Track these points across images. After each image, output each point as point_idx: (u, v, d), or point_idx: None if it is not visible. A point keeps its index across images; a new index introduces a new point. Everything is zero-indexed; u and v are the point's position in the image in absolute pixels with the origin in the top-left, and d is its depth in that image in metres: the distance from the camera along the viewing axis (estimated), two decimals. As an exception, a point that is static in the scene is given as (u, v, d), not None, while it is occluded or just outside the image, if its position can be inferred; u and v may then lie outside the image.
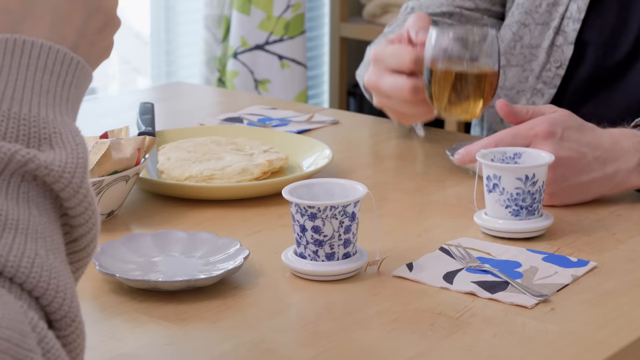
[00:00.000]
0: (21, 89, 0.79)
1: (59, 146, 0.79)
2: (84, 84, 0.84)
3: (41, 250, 0.75)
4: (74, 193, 0.78)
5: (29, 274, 0.73)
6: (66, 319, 0.75)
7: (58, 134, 0.79)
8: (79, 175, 0.78)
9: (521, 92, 1.69)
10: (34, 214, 0.76)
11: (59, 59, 0.82)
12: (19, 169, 0.76)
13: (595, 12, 1.64)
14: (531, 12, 1.68)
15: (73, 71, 0.83)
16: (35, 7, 0.83)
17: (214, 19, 3.18)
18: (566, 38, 1.64)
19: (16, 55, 0.80)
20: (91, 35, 0.86)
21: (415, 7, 1.75)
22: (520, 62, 1.69)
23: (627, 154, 1.38)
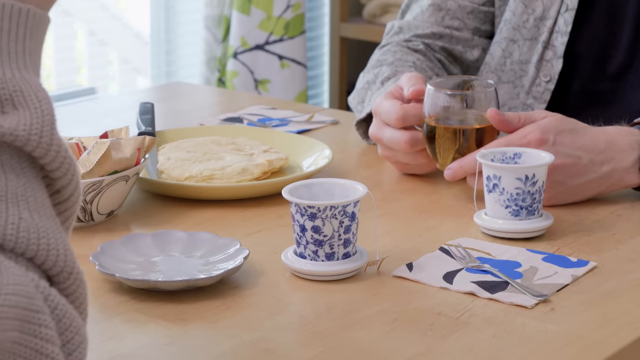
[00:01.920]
0: None
1: (22, 106, 0.77)
2: (40, 31, 0.81)
3: (24, 212, 0.75)
4: (45, 151, 0.77)
5: (17, 239, 0.73)
6: (63, 273, 0.75)
7: (19, 92, 0.77)
8: (46, 133, 0.77)
9: (513, 108, 1.69)
10: (11, 178, 0.76)
11: (6, 14, 0.79)
12: None
13: (583, 25, 1.64)
14: (519, 27, 1.67)
15: (24, 22, 0.79)
16: None
17: (214, 19, 3.18)
18: (555, 52, 1.64)
19: None
20: None
21: (403, 28, 1.74)
22: (510, 78, 1.69)
23: (623, 152, 1.38)
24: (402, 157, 1.48)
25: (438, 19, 1.72)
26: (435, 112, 1.40)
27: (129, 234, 1.25)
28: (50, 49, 3.06)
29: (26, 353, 0.70)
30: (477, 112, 1.40)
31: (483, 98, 1.40)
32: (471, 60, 1.73)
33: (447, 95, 1.40)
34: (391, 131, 1.45)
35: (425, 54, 1.70)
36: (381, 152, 1.51)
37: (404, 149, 1.45)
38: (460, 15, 1.71)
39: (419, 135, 1.44)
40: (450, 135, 1.40)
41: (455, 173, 1.38)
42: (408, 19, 1.75)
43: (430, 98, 1.40)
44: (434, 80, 1.43)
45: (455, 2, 1.71)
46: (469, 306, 1.10)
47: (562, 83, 1.66)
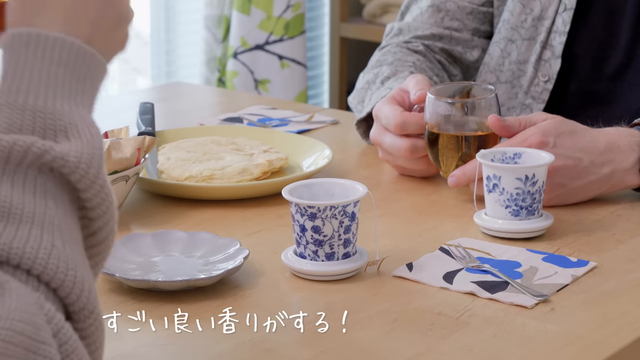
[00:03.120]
0: (36, 82, 0.80)
1: (75, 137, 0.79)
2: (99, 76, 0.84)
3: (58, 241, 0.75)
4: (90, 184, 0.78)
5: (46, 266, 0.74)
6: (84, 310, 0.75)
7: (74, 125, 0.79)
8: (95, 166, 0.79)
9: (511, 108, 1.69)
10: (51, 206, 0.77)
11: (73, 52, 0.82)
12: (36, 161, 0.76)
13: (581, 25, 1.64)
14: (517, 27, 1.67)
15: (88, 64, 0.83)
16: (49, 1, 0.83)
17: (214, 19, 3.18)
18: (553, 52, 1.64)
19: (31, 48, 0.81)
20: (106, 28, 0.86)
21: (403, 29, 1.74)
22: (509, 78, 1.69)
23: (623, 154, 1.38)
24: (402, 162, 1.48)
25: (437, 20, 1.72)
26: (437, 120, 1.40)
27: (129, 234, 1.25)
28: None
29: None
30: (479, 119, 1.40)
31: (484, 105, 1.40)
32: (471, 60, 1.73)
33: (448, 104, 1.40)
34: (392, 137, 1.45)
35: (425, 55, 1.70)
36: (381, 155, 1.51)
37: (404, 156, 1.45)
38: (459, 16, 1.71)
39: (420, 143, 1.44)
40: (453, 142, 1.40)
41: (458, 180, 1.38)
42: (407, 20, 1.75)
43: (430, 106, 1.40)
44: (434, 88, 1.43)
45: (455, 3, 1.71)
46: (469, 306, 1.10)
47: (561, 83, 1.66)
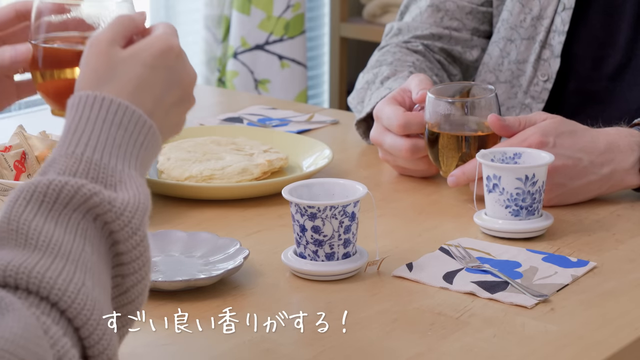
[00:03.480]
0: (96, 139, 0.84)
1: (123, 191, 0.83)
2: (153, 148, 0.88)
3: (88, 282, 0.77)
4: (131, 234, 0.81)
5: (74, 301, 0.76)
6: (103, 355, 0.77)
7: (124, 183, 0.83)
8: (138, 217, 0.82)
9: (511, 108, 1.69)
10: (87, 251, 0.79)
11: (134, 119, 0.86)
12: (83, 203, 0.80)
13: (580, 25, 1.64)
14: (516, 27, 1.67)
15: (145, 133, 0.87)
16: (120, 73, 0.88)
17: (214, 19, 3.18)
18: (552, 51, 1.64)
19: (95, 109, 0.85)
20: (167, 107, 0.91)
21: (402, 29, 1.74)
22: (508, 78, 1.69)
23: (623, 154, 1.38)
24: (402, 162, 1.48)
25: (437, 19, 1.71)
26: (437, 120, 1.40)
27: (129, 234, 1.24)
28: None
29: None
30: (479, 119, 1.40)
31: (484, 104, 1.40)
32: (470, 60, 1.73)
33: (448, 103, 1.40)
34: (392, 137, 1.45)
35: (425, 55, 1.70)
36: (382, 155, 1.51)
37: (405, 157, 1.45)
38: (459, 16, 1.71)
39: (420, 143, 1.44)
40: (454, 142, 1.40)
41: (458, 180, 1.38)
42: (407, 20, 1.75)
43: (431, 106, 1.40)
44: (434, 88, 1.43)
45: (454, 2, 1.71)
46: (469, 306, 1.10)
47: (560, 83, 1.66)
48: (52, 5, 1.00)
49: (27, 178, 1.36)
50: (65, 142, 0.84)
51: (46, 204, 0.79)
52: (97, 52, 0.89)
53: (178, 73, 0.92)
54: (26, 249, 0.76)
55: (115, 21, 0.93)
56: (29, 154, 1.35)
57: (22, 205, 0.79)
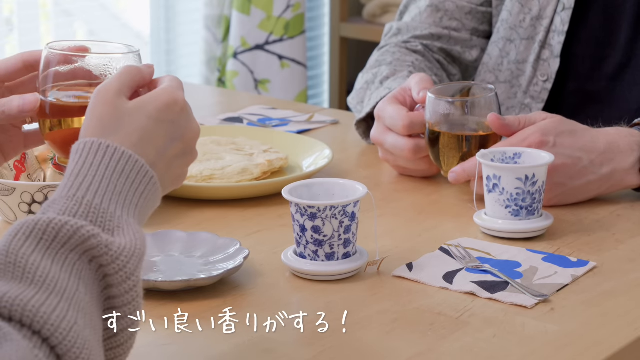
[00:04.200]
0: (97, 184, 0.86)
1: (120, 236, 0.84)
2: (153, 199, 0.91)
3: (80, 321, 0.78)
4: (124, 279, 0.83)
5: (65, 338, 0.76)
6: None
7: (121, 229, 0.85)
8: (133, 263, 0.83)
9: (510, 108, 1.69)
10: (81, 291, 0.80)
11: (136, 169, 0.88)
12: (81, 244, 0.81)
13: (580, 25, 1.64)
14: (516, 27, 1.67)
15: (146, 183, 0.89)
16: (125, 123, 0.90)
17: (214, 19, 3.18)
18: (552, 51, 1.64)
19: (99, 155, 0.87)
20: (169, 159, 0.93)
21: (401, 29, 1.73)
22: (508, 78, 1.69)
23: (623, 154, 1.38)
24: (403, 162, 1.48)
25: (436, 20, 1.71)
26: (437, 119, 1.40)
27: (129, 234, 1.24)
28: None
29: None
30: (479, 119, 1.40)
31: (483, 103, 1.40)
32: (470, 60, 1.73)
33: (448, 103, 1.40)
34: (394, 137, 1.45)
35: (424, 55, 1.70)
36: (382, 155, 1.51)
37: (407, 157, 1.45)
38: (458, 16, 1.71)
39: (422, 143, 1.44)
40: (455, 142, 1.40)
41: (458, 176, 1.38)
42: (406, 20, 1.75)
43: (431, 105, 1.40)
44: (435, 87, 1.43)
45: (454, 3, 1.71)
46: (469, 306, 1.10)
47: (560, 83, 1.66)
48: (60, 55, 1.01)
49: (27, 178, 1.36)
50: (67, 186, 0.86)
51: (45, 241, 0.80)
52: (103, 101, 0.91)
53: (182, 127, 0.94)
54: (22, 282, 0.78)
55: (123, 71, 0.94)
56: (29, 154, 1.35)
57: (21, 240, 0.80)
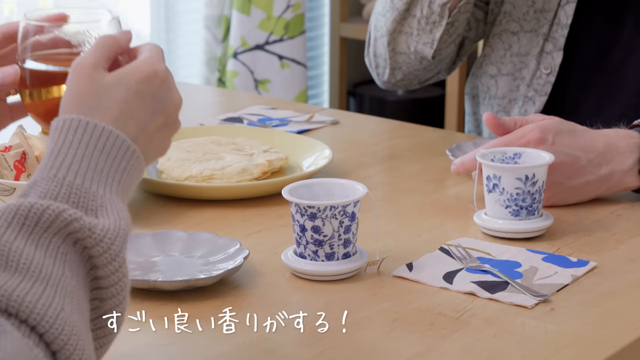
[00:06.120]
0: (78, 163, 0.84)
1: (104, 217, 0.83)
2: (136, 173, 0.89)
3: (67, 306, 0.78)
4: (110, 260, 0.81)
5: (52, 326, 0.76)
6: None
7: (104, 208, 0.84)
8: (117, 244, 0.82)
9: (513, 100, 1.69)
10: (67, 275, 0.79)
11: (117, 144, 0.87)
12: (64, 228, 0.80)
13: (584, 18, 1.64)
14: (519, 20, 1.67)
15: (128, 158, 0.87)
16: (105, 98, 0.89)
17: (214, 19, 3.18)
18: (555, 44, 1.64)
19: (78, 133, 0.85)
20: (151, 132, 0.92)
21: None
22: (510, 70, 1.69)
23: (622, 155, 1.38)
24: None
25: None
26: None
27: (129, 234, 1.24)
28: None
29: None
30: None
31: None
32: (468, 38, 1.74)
33: None
34: None
35: None
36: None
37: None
38: None
39: None
40: None
41: (457, 169, 1.39)
42: None
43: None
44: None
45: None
46: (469, 306, 1.10)
47: (563, 76, 1.66)
48: (38, 25, 1.00)
49: (27, 178, 1.36)
50: (47, 165, 0.84)
51: (27, 227, 0.80)
52: (80, 75, 0.90)
53: (163, 99, 0.93)
54: (7, 271, 0.77)
55: (99, 43, 0.93)
56: (29, 154, 1.35)
57: (3, 227, 0.79)
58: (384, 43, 1.72)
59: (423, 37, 1.67)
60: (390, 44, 1.71)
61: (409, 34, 1.69)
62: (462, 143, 1.58)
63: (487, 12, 1.75)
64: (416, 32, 1.67)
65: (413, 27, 1.68)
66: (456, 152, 1.55)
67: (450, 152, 1.55)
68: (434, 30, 1.65)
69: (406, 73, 1.75)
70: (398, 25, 1.69)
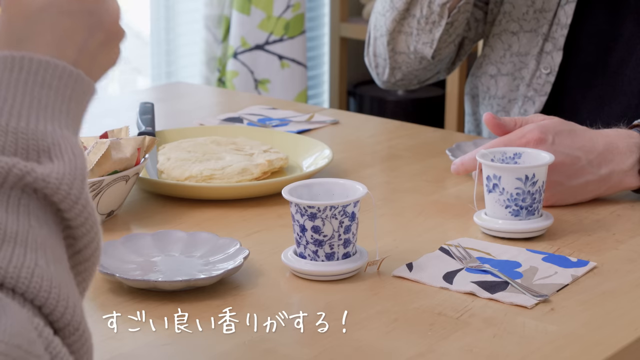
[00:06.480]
0: (19, 104, 0.79)
1: (58, 158, 0.79)
2: (85, 96, 0.84)
3: (41, 260, 0.75)
4: (72, 204, 0.78)
5: (29, 284, 0.74)
6: (69, 327, 0.75)
7: (56, 146, 0.79)
8: (77, 186, 0.78)
9: (513, 100, 1.69)
10: (34, 226, 0.77)
11: (57, 74, 0.81)
12: (18, 182, 0.76)
13: (584, 18, 1.64)
14: (519, 20, 1.67)
15: (72, 85, 0.82)
16: (36, 25, 0.83)
17: (214, 19, 3.18)
18: (555, 44, 1.64)
19: (15, 71, 0.80)
20: (93, 51, 0.86)
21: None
22: (510, 70, 1.69)
23: (622, 155, 1.38)
24: None
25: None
26: None
27: (129, 234, 1.25)
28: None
29: None
30: None
31: None
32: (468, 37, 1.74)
33: None
34: None
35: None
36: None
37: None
38: None
39: None
40: None
41: (457, 169, 1.39)
42: None
43: None
44: None
45: None
46: (469, 306, 1.10)
47: (562, 75, 1.66)
48: None
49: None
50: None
51: None
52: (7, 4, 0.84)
53: (99, 13, 0.86)
54: None
55: None
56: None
57: None
58: (383, 43, 1.72)
59: (423, 37, 1.67)
60: (390, 43, 1.71)
61: (408, 34, 1.69)
62: (462, 143, 1.59)
63: (487, 12, 1.75)
64: (416, 31, 1.68)
65: (413, 27, 1.68)
66: (456, 152, 1.55)
67: (450, 152, 1.55)
68: (434, 30, 1.66)
69: (406, 73, 1.75)
70: (398, 25, 1.69)
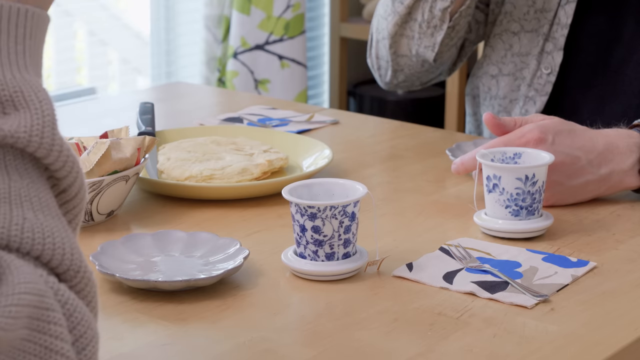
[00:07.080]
0: None
1: (23, 107, 0.77)
2: (40, 31, 0.80)
3: (28, 213, 0.75)
4: (47, 152, 0.77)
5: (22, 240, 0.74)
6: (70, 271, 0.75)
7: (19, 93, 0.77)
8: (47, 134, 0.77)
9: (514, 100, 1.69)
10: (15, 179, 0.76)
11: (5, 14, 0.78)
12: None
13: (584, 18, 1.64)
14: (519, 20, 1.67)
15: (23, 22, 0.79)
16: None
17: (214, 19, 3.18)
18: (555, 44, 1.64)
19: None
20: None
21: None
22: (511, 70, 1.69)
23: (622, 155, 1.38)
24: None
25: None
26: None
27: (129, 234, 1.25)
28: (50, 49, 3.06)
29: (36, 350, 0.70)
30: None
31: None
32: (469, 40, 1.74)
33: None
34: None
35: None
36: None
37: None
38: None
39: None
40: None
41: (457, 169, 1.39)
42: None
43: None
44: None
45: None
46: (469, 306, 1.10)
47: (563, 75, 1.66)
48: None
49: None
50: None
51: None
52: None
53: None
54: None
55: None
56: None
57: None
58: (385, 46, 1.72)
59: (424, 40, 1.67)
60: (392, 46, 1.71)
61: (410, 38, 1.69)
62: (462, 143, 1.59)
63: (488, 13, 1.75)
64: (417, 35, 1.68)
65: (414, 31, 1.68)
66: (456, 152, 1.55)
67: (450, 152, 1.55)
68: (435, 34, 1.66)
69: (408, 75, 1.76)
70: (399, 29, 1.69)
